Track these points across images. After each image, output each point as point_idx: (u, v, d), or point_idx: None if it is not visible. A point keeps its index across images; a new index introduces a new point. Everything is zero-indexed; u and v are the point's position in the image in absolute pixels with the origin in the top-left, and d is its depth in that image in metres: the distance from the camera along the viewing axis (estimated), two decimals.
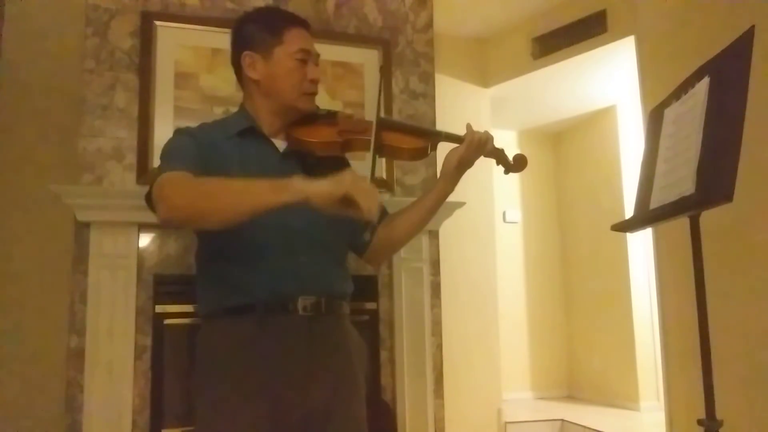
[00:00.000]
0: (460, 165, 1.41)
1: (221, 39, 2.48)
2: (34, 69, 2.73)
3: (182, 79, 2.42)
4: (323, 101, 2.54)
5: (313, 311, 1.29)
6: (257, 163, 1.33)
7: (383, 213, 1.53)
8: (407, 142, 1.42)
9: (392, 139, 1.41)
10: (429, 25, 2.88)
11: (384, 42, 2.74)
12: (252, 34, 1.38)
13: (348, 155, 1.46)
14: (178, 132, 1.36)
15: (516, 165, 1.50)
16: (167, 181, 1.18)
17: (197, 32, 2.46)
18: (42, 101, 2.71)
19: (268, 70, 1.36)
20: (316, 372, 1.28)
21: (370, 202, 1.09)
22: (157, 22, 2.42)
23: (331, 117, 1.44)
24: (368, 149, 1.37)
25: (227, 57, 1.46)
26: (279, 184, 1.12)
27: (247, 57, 1.37)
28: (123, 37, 2.40)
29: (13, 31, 2.71)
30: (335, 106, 2.56)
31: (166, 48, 2.42)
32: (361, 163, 1.48)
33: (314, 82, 1.39)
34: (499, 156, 1.48)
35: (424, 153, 1.44)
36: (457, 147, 1.42)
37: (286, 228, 1.29)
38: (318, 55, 1.42)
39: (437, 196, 1.44)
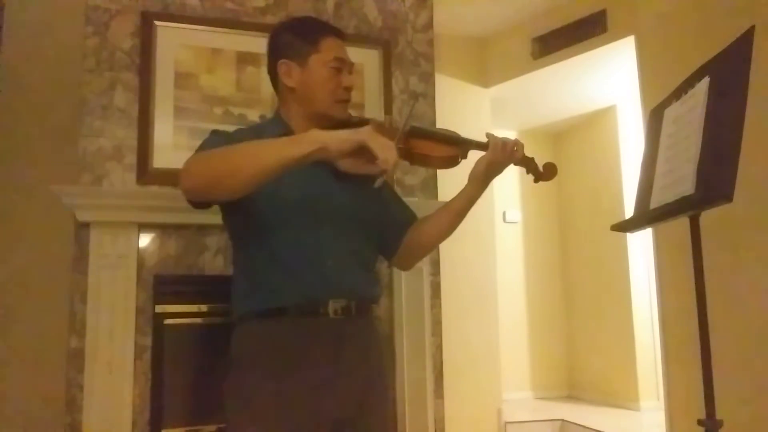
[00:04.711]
0: (488, 170, 1.42)
1: (221, 39, 2.49)
2: (34, 69, 2.73)
3: (182, 79, 2.42)
4: None
5: (344, 314, 1.31)
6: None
7: (413, 217, 1.54)
8: (438, 151, 1.42)
9: (423, 147, 1.41)
10: (429, 25, 2.88)
11: (384, 42, 2.74)
12: (288, 42, 1.40)
13: None
14: (215, 132, 1.39)
15: (546, 173, 1.51)
16: (190, 158, 1.22)
17: (197, 32, 2.46)
18: (42, 101, 2.71)
19: (304, 78, 1.38)
20: (347, 376, 1.29)
21: (387, 152, 1.12)
22: (157, 22, 2.42)
23: (363, 124, 1.44)
24: (402, 157, 1.39)
25: (227, 57, 1.47)
26: (296, 136, 1.16)
27: (284, 65, 1.39)
28: (123, 37, 2.39)
29: (13, 31, 2.71)
30: None
31: (166, 48, 2.41)
32: None
33: (348, 89, 1.42)
34: (529, 164, 1.49)
35: (454, 161, 1.44)
36: (486, 153, 1.43)
37: (316, 232, 1.32)
38: (352, 64, 1.45)
39: (465, 200, 1.46)
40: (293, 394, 1.24)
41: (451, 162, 1.44)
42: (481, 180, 1.43)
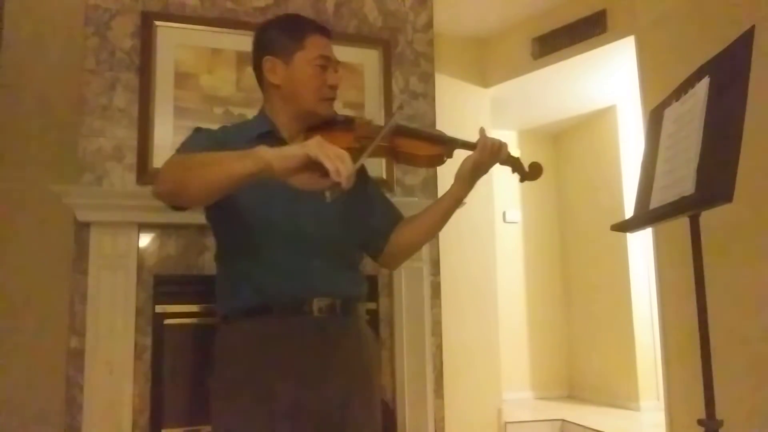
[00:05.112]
0: (474, 170, 1.41)
1: (221, 39, 2.49)
2: (35, 69, 2.73)
3: (182, 79, 2.42)
4: None
5: (328, 313, 1.31)
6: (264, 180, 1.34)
7: (399, 217, 1.54)
8: (423, 149, 1.42)
9: (408, 145, 1.41)
10: (429, 25, 2.88)
11: (384, 42, 2.75)
12: (274, 39, 1.39)
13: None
14: (197, 129, 1.38)
15: (532, 173, 1.50)
16: (167, 161, 1.21)
17: (197, 32, 2.46)
18: (42, 101, 2.71)
19: (289, 75, 1.37)
20: (331, 373, 1.29)
21: (337, 163, 1.03)
22: (157, 22, 2.42)
23: (348, 123, 1.44)
24: (386, 156, 1.37)
25: (227, 57, 1.46)
26: (243, 152, 1.09)
27: (268, 62, 1.38)
28: (123, 37, 2.40)
29: (13, 31, 2.71)
30: (335, 105, 2.55)
31: (166, 48, 2.42)
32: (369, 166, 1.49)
33: (333, 87, 1.40)
34: (514, 164, 1.49)
35: (440, 160, 1.44)
36: (473, 152, 1.43)
37: (299, 231, 1.31)
38: (338, 62, 1.43)
39: (451, 199, 1.45)
40: (276, 391, 1.24)
41: (437, 161, 1.45)
42: (467, 179, 1.42)
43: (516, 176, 1.52)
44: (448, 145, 1.45)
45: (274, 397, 1.24)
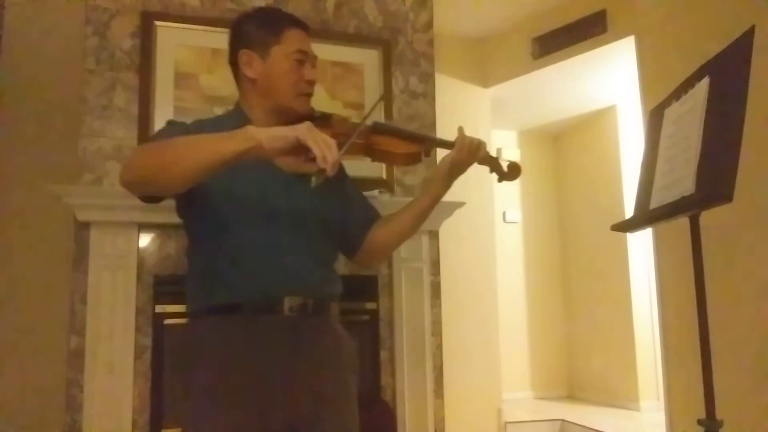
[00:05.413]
0: (452, 169, 1.41)
1: (221, 39, 2.47)
2: (34, 69, 2.73)
3: (182, 79, 2.42)
4: (323, 101, 2.55)
5: (300, 312, 1.29)
6: (248, 161, 1.33)
7: (375, 215, 1.53)
8: (400, 147, 1.42)
9: (385, 143, 1.40)
10: (429, 25, 2.88)
11: (384, 42, 2.75)
12: (250, 32, 1.38)
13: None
14: (170, 122, 1.37)
15: (510, 173, 1.50)
16: (137, 148, 1.17)
17: (197, 32, 2.46)
18: (42, 101, 2.71)
19: (265, 69, 1.36)
20: (303, 373, 1.26)
21: (325, 150, 1.04)
22: (157, 22, 2.42)
23: (325, 119, 1.42)
24: (363, 153, 1.37)
25: (227, 57, 1.45)
26: (230, 132, 1.08)
27: (245, 55, 1.36)
28: (123, 37, 2.40)
29: (13, 31, 2.71)
30: (335, 106, 2.56)
31: (166, 48, 2.42)
32: (353, 164, 1.48)
33: (310, 83, 1.39)
34: (492, 164, 1.48)
35: (417, 158, 1.44)
36: (450, 151, 1.42)
37: (272, 228, 1.29)
38: (315, 57, 1.42)
39: (429, 199, 1.44)
40: (245, 390, 1.21)
41: (414, 159, 1.44)
42: (445, 178, 1.42)
43: (494, 176, 1.51)
44: (425, 143, 1.44)
45: (241, 402, 1.21)
